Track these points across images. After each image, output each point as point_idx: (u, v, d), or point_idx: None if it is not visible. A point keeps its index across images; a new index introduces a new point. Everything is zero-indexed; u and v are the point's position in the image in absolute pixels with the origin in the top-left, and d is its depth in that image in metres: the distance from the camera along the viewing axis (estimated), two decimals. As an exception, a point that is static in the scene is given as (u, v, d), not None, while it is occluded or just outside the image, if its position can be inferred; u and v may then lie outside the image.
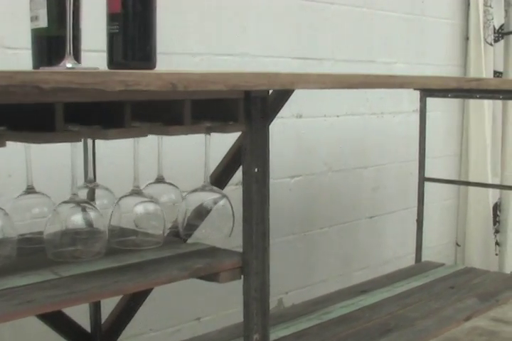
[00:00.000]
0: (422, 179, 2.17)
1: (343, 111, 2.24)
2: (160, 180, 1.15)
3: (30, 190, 1.07)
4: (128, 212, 1.07)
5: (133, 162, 1.09)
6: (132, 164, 1.10)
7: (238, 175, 1.11)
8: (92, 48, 1.18)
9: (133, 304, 1.36)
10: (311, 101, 2.08)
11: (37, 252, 1.03)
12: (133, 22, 1.03)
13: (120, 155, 1.15)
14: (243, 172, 1.04)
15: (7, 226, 0.95)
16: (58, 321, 1.30)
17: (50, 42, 1.01)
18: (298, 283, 2.17)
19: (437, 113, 2.62)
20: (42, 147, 0.88)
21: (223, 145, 1.22)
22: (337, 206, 2.28)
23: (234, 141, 1.21)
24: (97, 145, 1.24)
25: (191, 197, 1.11)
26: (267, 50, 1.97)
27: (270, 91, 1.21)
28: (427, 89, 2.05)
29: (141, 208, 1.07)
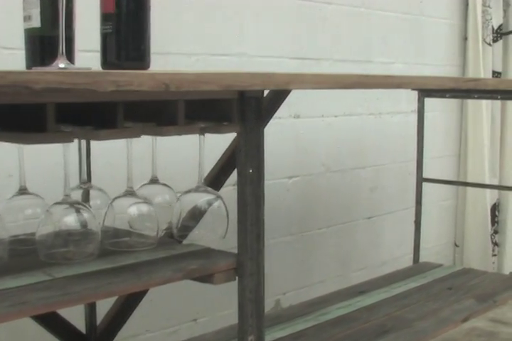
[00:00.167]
0: (420, 179, 2.16)
1: (341, 111, 2.24)
2: (154, 181, 1.14)
3: (23, 191, 1.07)
4: (122, 213, 1.06)
5: (128, 163, 1.08)
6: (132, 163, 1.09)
7: (236, 176, 1.10)
8: (88, 48, 1.18)
9: (128, 305, 1.36)
10: (309, 101, 2.08)
11: (30, 253, 1.02)
12: (126, 22, 1.02)
13: (116, 155, 1.14)
14: (238, 173, 1.04)
15: (-1, 227, 0.95)
16: (53, 322, 1.29)
17: (43, 42, 1.01)
18: (296, 284, 2.16)
19: (436, 113, 2.61)
20: (36, 147, 0.87)
21: (221, 145, 1.22)
22: (335, 206, 2.27)
23: (231, 142, 1.21)
24: (93, 145, 1.23)
25: (185, 198, 1.10)
26: (265, 50, 1.96)
27: (266, 91, 1.21)
28: (425, 89, 2.05)
29: (134, 209, 1.06)
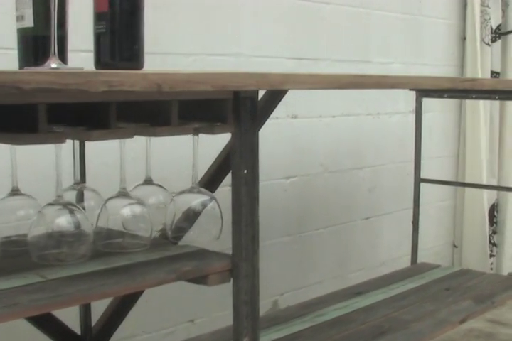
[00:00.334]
0: (418, 180, 2.15)
1: (339, 111, 2.23)
2: (148, 182, 1.13)
3: (15, 192, 1.06)
4: (115, 214, 1.05)
5: (121, 163, 1.07)
6: (125, 164, 1.08)
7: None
8: (84, 48, 1.17)
9: (124, 306, 1.35)
10: (306, 101, 2.07)
11: (22, 255, 1.02)
12: (120, 21, 1.01)
13: (112, 155, 1.14)
14: (232, 173, 1.03)
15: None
16: (47, 323, 1.29)
17: (36, 42, 1.00)
18: (293, 285, 2.15)
19: (434, 113, 2.61)
20: (29, 148, 0.87)
21: (218, 146, 1.21)
22: (333, 207, 2.26)
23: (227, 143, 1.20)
24: (89, 145, 1.23)
25: (179, 199, 1.10)
26: (263, 50, 1.95)
27: (263, 92, 1.20)
28: (423, 89, 2.04)
29: (127, 210, 1.06)
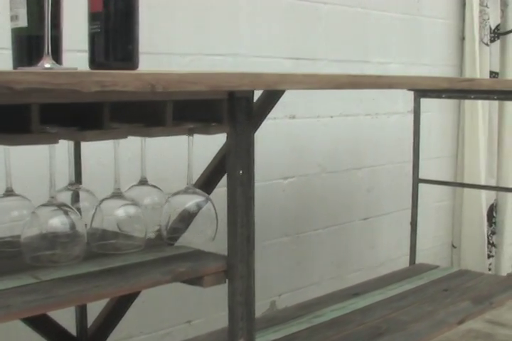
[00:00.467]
0: (417, 180, 2.15)
1: (337, 111, 2.23)
2: (143, 182, 1.13)
3: (9, 193, 1.06)
4: (109, 215, 1.05)
5: (116, 164, 1.07)
6: (122, 164, 1.08)
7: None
8: (80, 48, 1.17)
9: (120, 307, 1.35)
10: (305, 101, 2.07)
11: (16, 256, 1.01)
12: (115, 21, 1.01)
13: (108, 155, 1.13)
14: (227, 174, 1.03)
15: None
16: (43, 324, 1.28)
17: (30, 42, 0.99)
18: (291, 286, 2.15)
19: (433, 114, 2.60)
20: (23, 148, 0.86)
21: (215, 147, 1.20)
22: (331, 207, 2.26)
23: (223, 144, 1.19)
24: (84, 145, 1.22)
25: (174, 200, 1.09)
26: (260, 50, 1.95)
27: (260, 92, 1.20)
28: (421, 89, 2.04)
29: (122, 211, 1.05)
